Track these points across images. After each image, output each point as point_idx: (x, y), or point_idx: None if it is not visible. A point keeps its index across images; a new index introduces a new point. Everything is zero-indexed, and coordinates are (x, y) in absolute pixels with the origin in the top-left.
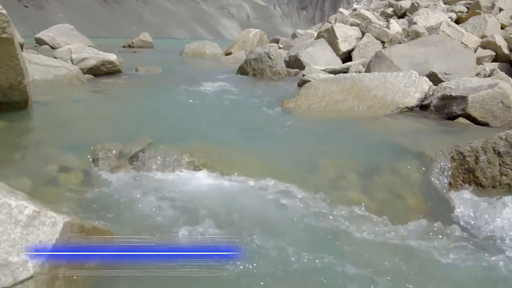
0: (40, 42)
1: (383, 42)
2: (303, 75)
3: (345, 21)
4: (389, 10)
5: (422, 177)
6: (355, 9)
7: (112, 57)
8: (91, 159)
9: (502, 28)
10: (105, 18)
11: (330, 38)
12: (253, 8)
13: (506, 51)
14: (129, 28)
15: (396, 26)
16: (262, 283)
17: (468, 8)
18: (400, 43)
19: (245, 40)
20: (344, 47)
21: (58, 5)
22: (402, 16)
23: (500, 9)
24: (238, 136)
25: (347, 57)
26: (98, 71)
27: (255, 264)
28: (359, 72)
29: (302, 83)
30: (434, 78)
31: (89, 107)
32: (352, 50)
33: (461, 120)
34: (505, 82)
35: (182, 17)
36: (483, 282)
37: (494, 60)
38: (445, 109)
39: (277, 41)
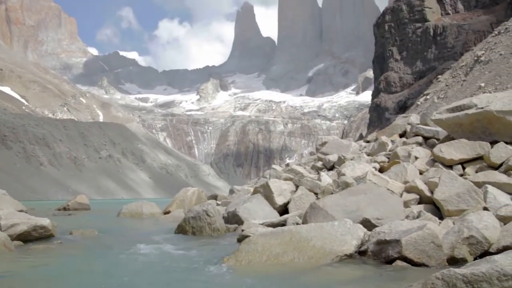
0: None
1: (316, 194)
2: (242, 230)
3: (279, 176)
4: (319, 164)
5: None
6: (287, 164)
7: (45, 221)
8: None
9: (420, 173)
10: (41, 181)
11: (266, 192)
12: (190, 167)
13: (428, 193)
14: (65, 190)
15: (326, 178)
16: None
17: (388, 158)
18: (332, 193)
19: (183, 199)
20: (280, 201)
21: None
22: (331, 168)
23: (416, 157)
24: None
25: (283, 209)
26: (29, 237)
27: None
28: (297, 223)
29: (241, 239)
30: (368, 224)
31: (13, 278)
32: (288, 202)
33: (399, 262)
34: (433, 223)
35: (119, 179)
36: None
37: (419, 203)
38: (382, 253)
39: (215, 197)
